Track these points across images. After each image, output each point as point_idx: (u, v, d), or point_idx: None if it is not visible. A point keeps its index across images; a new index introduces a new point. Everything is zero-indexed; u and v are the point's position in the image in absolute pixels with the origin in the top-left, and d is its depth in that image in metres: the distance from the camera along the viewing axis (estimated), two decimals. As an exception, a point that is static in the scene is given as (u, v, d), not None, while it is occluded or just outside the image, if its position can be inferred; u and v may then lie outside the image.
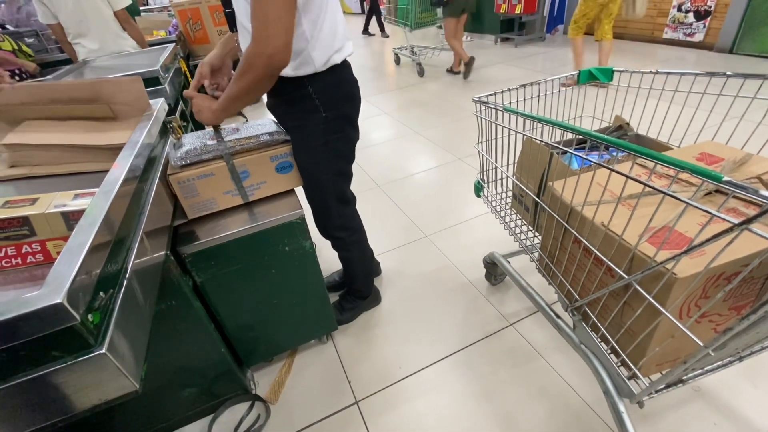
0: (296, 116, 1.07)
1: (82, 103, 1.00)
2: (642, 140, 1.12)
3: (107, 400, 0.53)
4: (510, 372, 1.29)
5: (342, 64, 1.06)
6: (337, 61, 1.03)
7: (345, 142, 1.16)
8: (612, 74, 1.16)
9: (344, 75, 1.08)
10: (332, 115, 1.07)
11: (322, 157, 1.12)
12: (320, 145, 1.10)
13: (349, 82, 1.11)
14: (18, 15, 3.68)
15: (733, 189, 0.47)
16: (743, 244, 0.56)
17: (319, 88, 1.03)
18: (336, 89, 1.06)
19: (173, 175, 0.99)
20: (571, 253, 0.89)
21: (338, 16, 1.02)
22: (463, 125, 3.21)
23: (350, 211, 1.33)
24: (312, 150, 1.10)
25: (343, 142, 1.15)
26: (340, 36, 1.03)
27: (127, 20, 2.55)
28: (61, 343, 0.47)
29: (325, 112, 1.06)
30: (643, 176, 0.78)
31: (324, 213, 1.26)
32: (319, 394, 1.31)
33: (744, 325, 0.52)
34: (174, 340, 1.04)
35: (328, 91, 1.04)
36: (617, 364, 0.85)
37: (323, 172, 1.15)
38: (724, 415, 1.10)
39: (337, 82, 1.06)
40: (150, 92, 1.67)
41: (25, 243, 0.66)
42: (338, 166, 1.17)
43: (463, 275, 1.70)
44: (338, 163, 1.17)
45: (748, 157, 0.81)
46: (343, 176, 1.23)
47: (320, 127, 1.07)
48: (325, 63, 1.00)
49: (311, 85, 1.02)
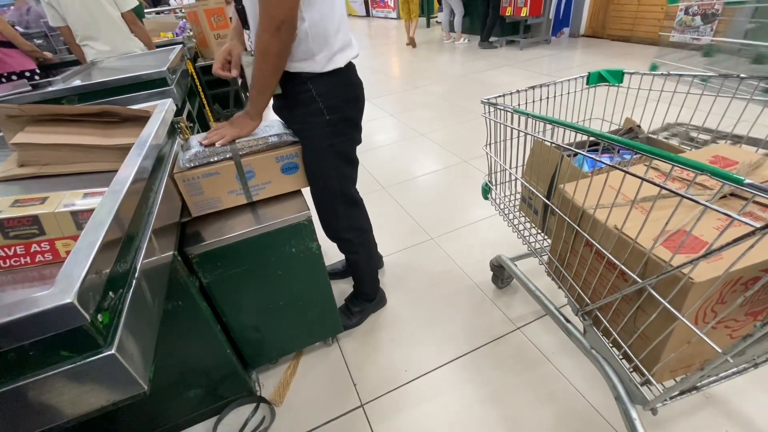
0: (300, 119, 1.08)
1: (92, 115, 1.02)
2: (653, 143, 1.11)
3: (115, 402, 0.52)
4: (517, 376, 1.27)
5: (346, 66, 1.06)
6: (340, 64, 1.03)
7: (349, 145, 1.17)
8: (622, 76, 1.15)
9: (348, 78, 1.09)
10: (336, 119, 1.07)
11: (327, 160, 1.12)
12: (324, 148, 1.10)
13: (353, 85, 1.11)
14: (27, 16, 3.72)
15: (755, 192, 0.46)
16: (762, 248, 0.55)
17: (322, 91, 1.03)
18: (339, 92, 1.06)
19: (179, 173, 0.99)
20: (582, 257, 0.87)
21: (342, 17, 1.02)
22: (468, 127, 3.20)
23: (357, 211, 1.33)
24: (316, 153, 1.11)
25: (347, 145, 1.15)
26: (343, 36, 1.03)
27: (134, 22, 2.57)
28: (70, 344, 0.47)
29: (329, 115, 1.06)
30: (657, 180, 0.77)
31: (331, 214, 1.26)
32: (325, 396, 1.30)
33: (765, 331, 0.51)
34: (180, 341, 1.03)
35: (331, 94, 1.05)
36: (629, 370, 0.84)
37: (328, 174, 1.15)
38: (735, 421, 1.08)
39: (341, 85, 1.06)
40: (157, 93, 1.69)
41: (35, 242, 0.66)
42: (343, 168, 1.17)
43: (470, 278, 1.69)
44: (343, 165, 1.17)
45: (763, 159, 0.79)
46: (348, 178, 1.23)
47: (324, 130, 1.08)
48: (328, 61, 1.00)
49: (315, 88, 1.03)
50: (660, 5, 4.69)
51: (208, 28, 3.33)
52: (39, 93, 1.63)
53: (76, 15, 2.36)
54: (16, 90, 1.67)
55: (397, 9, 9.65)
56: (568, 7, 5.70)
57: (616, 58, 4.60)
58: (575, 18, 5.77)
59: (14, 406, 0.47)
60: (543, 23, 5.62)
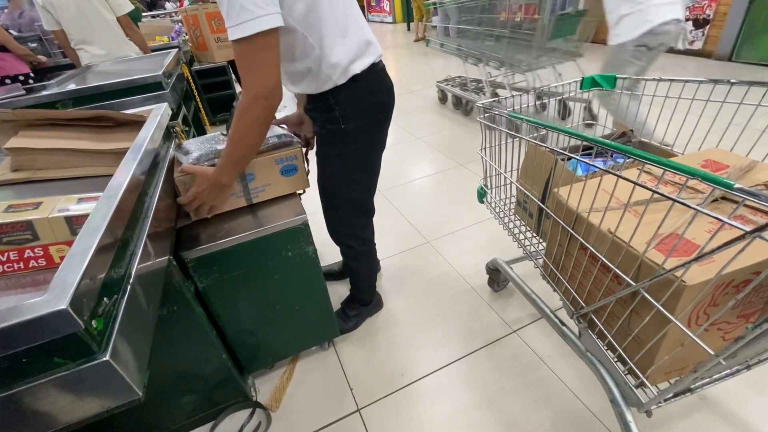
0: (319, 124, 1.11)
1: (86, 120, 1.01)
2: (646, 147, 1.12)
3: (110, 409, 0.52)
4: (514, 380, 1.28)
5: (366, 72, 1.01)
6: (356, 71, 0.99)
7: (365, 152, 1.14)
8: (615, 81, 1.16)
9: (368, 84, 1.03)
10: (351, 127, 1.06)
11: (336, 167, 1.13)
12: (336, 155, 1.11)
13: (375, 91, 1.07)
14: (21, 20, 3.70)
15: (745, 196, 0.47)
16: (753, 251, 0.56)
17: (340, 99, 1.02)
18: (357, 100, 1.03)
19: (180, 177, 0.98)
20: (576, 260, 0.88)
21: (351, 22, 0.98)
22: (464, 131, 3.22)
23: (364, 221, 1.31)
24: (327, 159, 1.12)
25: (362, 153, 1.13)
26: (355, 42, 0.99)
27: (130, 26, 2.57)
28: (64, 350, 0.46)
29: (344, 124, 1.05)
30: (650, 183, 0.78)
31: (336, 219, 1.27)
32: (321, 401, 1.29)
33: (756, 333, 0.51)
34: (175, 346, 1.03)
35: (349, 103, 1.03)
36: (624, 373, 0.84)
37: (336, 181, 1.16)
38: (731, 423, 1.08)
39: (360, 92, 1.02)
40: (153, 97, 1.68)
41: (28, 248, 0.66)
42: (353, 176, 1.16)
43: (466, 281, 1.69)
44: (354, 173, 1.15)
45: (753, 164, 0.81)
46: (359, 186, 1.20)
47: (337, 138, 1.08)
48: (342, 73, 0.98)
49: (332, 98, 1.02)
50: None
51: (208, 31, 3.33)
52: (33, 97, 1.63)
53: (71, 19, 2.36)
54: (10, 94, 1.66)
55: (392, 13, 9.70)
56: (562, 12, 5.76)
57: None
58: (569, 23, 5.82)
59: (7, 414, 0.46)
60: (537, 28, 5.66)
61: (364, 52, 1.01)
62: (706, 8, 4.20)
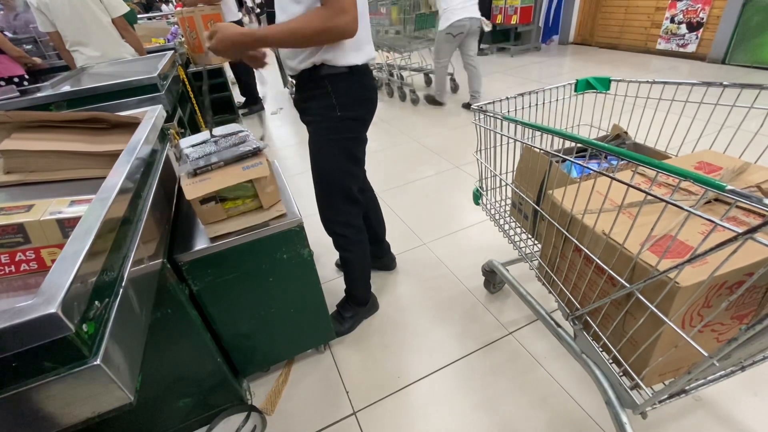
0: (314, 112, 1.14)
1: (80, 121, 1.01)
2: (640, 149, 1.13)
3: (100, 413, 0.51)
4: (510, 382, 1.28)
5: (362, 67, 1.10)
6: (356, 62, 1.06)
7: (355, 143, 1.20)
8: (609, 83, 1.17)
9: (363, 81, 1.12)
10: (347, 116, 1.12)
11: (332, 154, 1.17)
12: (332, 142, 1.15)
13: (368, 88, 1.15)
14: (15, 22, 3.68)
15: (737, 198, 0.47)
16: (745, 252, 0.56)
17: (337, 88, 1.08)
18: (353, 92, 1.11)
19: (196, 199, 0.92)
20: (571, 262, 0.88)
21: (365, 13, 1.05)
22: (460, 133, 3.23)
23: (356, 210, 1.34)
24: (323, 145, 1.16)
25: (353, 143, 1.19)
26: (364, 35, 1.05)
27: (126, 28, 2.56)
28: (55, 355, 0.46)
29: (340, 111, 1.10)
30: (644, 185, 0.78)
31: (329, 207, 1.28)
32: (317, 404, 1.29)
33: (749, 335, 0.51)
34: (169, 350, 1.02)
35: (346, 92, 1.09)
36: (619, 374, 0.84)
37: (332, 167, 1.19)
38: (726, 423, 1.09)
39: (356, 86, 1.10)
40: (148, 99, 1.68)
41: (19, 251, 0.65)
42: (347, 164, 1.21)
43: (462, 283, 1.69)
44: (347, 161, 1.20)
45: (746, 165, 0.81)
46: (351, 175, 1.25)
47: (334, 125, 1.12)
48: (342, 57, 1.03)
49: (331, 85, 1.07)
50: (646, 14, 4.79)
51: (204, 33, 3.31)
52: (27, 99, 1.62)
53: (66, 20, 2.35)
54: (4, 96, 1.65)
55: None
56: (558, 15, 5.80)
57: (605, 64, 4.68)
58: (564, 26, 5.87)
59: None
60: (533, 31, 5.70)
61: (363, 47, 1.08)
62: (700, 11, 4.24)
